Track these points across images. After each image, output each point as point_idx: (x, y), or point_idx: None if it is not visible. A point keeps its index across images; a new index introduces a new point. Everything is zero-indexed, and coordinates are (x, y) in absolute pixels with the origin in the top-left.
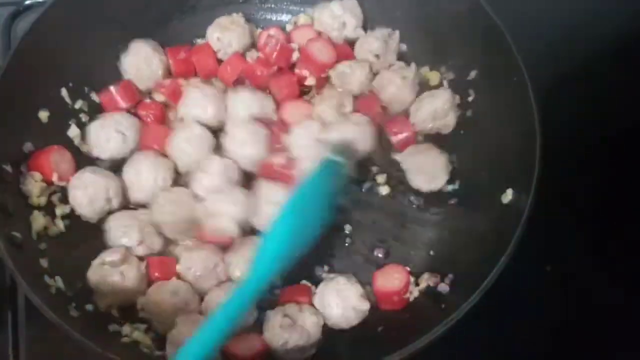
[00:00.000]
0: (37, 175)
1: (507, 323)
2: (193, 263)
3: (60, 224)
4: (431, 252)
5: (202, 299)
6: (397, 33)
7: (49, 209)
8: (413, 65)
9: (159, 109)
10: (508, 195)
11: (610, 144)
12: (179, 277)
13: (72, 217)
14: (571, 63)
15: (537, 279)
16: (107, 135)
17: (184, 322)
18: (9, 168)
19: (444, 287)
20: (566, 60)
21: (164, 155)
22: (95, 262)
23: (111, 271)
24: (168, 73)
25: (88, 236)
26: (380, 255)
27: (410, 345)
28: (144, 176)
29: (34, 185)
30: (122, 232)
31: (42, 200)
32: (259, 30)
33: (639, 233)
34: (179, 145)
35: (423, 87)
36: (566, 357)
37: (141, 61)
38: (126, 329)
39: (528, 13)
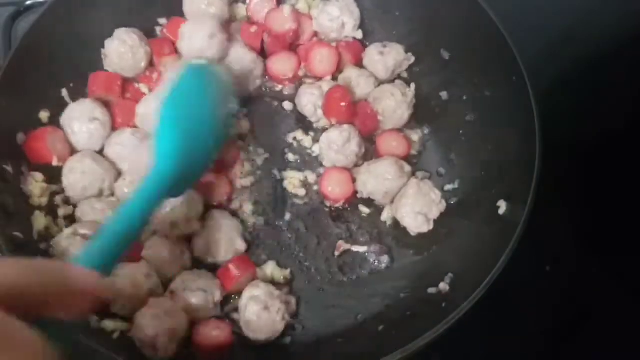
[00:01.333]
0: (38, 176)
1: (507, 323)
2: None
3: (62, 225)
4: (432, 251)
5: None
6: (412, 58)
7: (50, 210)
8: (413, 85)
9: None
10: (508, 197)
11: (610, 144)
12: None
13: (75, 218)
14: (571, 63)
15: (537, 279)
16: (82, 127)
17: (155, 303)
18: (9, 168)
19: (444, 286)
20: (566, 60)
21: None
22: (67, 231)
23: (81, 243)
24: (150, 64)
25: None
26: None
27: (410, 345)
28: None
29: (34, 186)
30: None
31: (44, 201)
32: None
33: (639, 233)
34: (144, 113)
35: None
36: (566, 357)
37: (127, 50)
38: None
39: (528, 13)
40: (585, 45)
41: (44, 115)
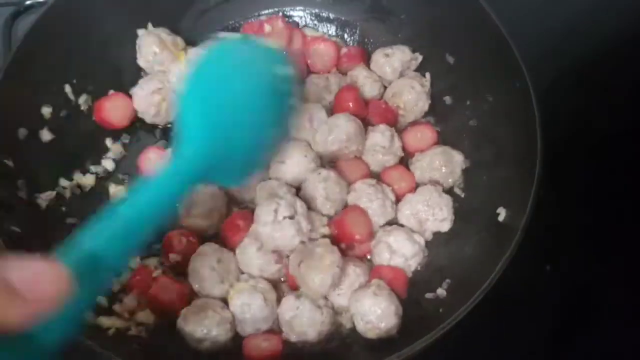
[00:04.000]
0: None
1: (507, 323)
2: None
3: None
4: (430, 256)
5: None
6: (419, 57)
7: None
8: (428, 75)
9: None
10: (508, 204)
11: (609, 144)
12: None
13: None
14: (571, 63)
15: (537, 279)
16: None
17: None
18: (10, 162)
19: (441, 292)
20: (566, 61)
21: None
22: None
23: None
24: None
25: None
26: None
27: (407, 349)
28: None
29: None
30: None
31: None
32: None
33: (639, 233)
34: None
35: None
36: (566, 357)
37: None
38: (105, 320)
39: (529, 14)
40: (585, 45)
41: (46, 110)
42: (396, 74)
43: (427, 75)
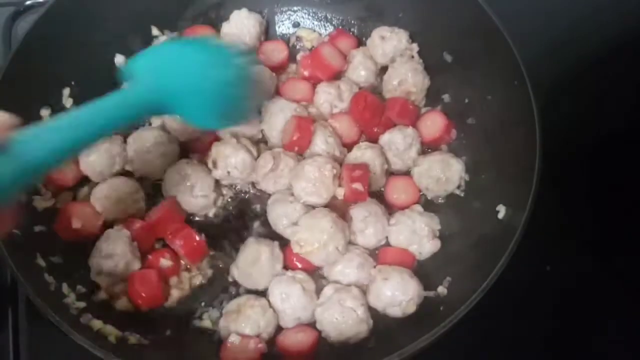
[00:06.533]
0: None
1: (507, 323)
2: None
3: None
4: (431, 254)
5: None
6: (415, 47)
7: None
8: (416, 55)
9: None
10: (507, 202)
11: (610, 144)
12: None
13: None
14: (571, 63)
15: (537, 279)
16: None
17: None
18: None
19: (442, 290)
20: (566, 61)
21: None
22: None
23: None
24: None
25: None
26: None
27: (408, 347)
28: None
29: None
30: None
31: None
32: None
33: (639, 233)
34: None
35: None
36: (566, 357)
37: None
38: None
39: (529, 15)
40: (585, 45)
41: (45, 112)
42: (386, 58)
43: (415, 54)
